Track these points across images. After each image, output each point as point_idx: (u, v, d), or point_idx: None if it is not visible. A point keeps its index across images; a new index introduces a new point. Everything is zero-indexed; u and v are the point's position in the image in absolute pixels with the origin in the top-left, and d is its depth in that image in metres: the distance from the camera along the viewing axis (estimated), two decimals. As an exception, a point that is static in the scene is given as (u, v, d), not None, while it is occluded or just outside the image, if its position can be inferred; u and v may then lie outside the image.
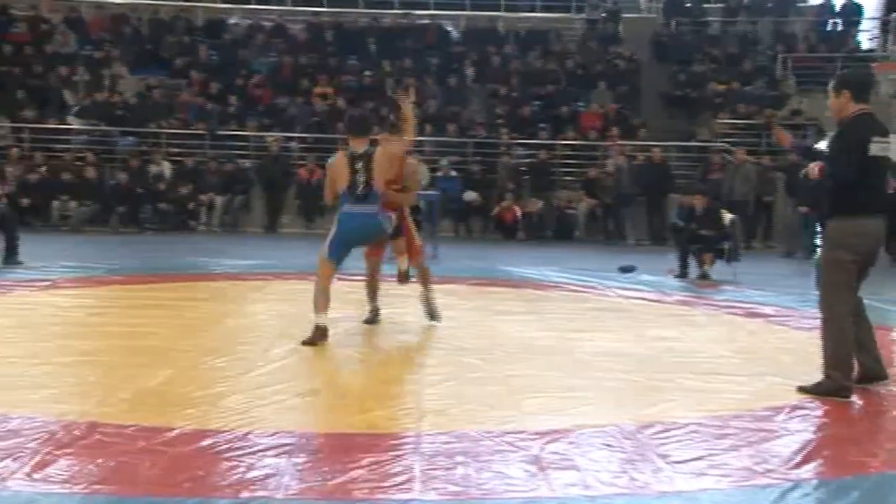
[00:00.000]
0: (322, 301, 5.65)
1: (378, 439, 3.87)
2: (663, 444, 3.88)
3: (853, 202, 4.62)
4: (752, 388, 4.94)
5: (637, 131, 15.81)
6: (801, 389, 4.77)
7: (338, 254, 5.76)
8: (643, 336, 6.37)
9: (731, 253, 9.71)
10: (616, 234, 14.46)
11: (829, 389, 4.66)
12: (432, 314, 6.37)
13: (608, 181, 14.53)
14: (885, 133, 4.74)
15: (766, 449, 3.87)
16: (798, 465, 3.65)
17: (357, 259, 6.29)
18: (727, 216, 10.01)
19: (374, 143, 6.00)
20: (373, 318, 6.34)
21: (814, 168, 4.77)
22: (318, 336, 5.57)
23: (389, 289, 6.35)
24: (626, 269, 10.08)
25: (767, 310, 7.66)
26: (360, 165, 5.67)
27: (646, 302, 7.99)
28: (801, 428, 4.20)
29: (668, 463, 3.63)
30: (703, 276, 9.64)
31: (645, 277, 9.59)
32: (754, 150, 15.01)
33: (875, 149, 4.61)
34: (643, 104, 17.29)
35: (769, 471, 3.58)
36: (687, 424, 4.17)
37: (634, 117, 16.41)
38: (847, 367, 4.69)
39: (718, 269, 9.72)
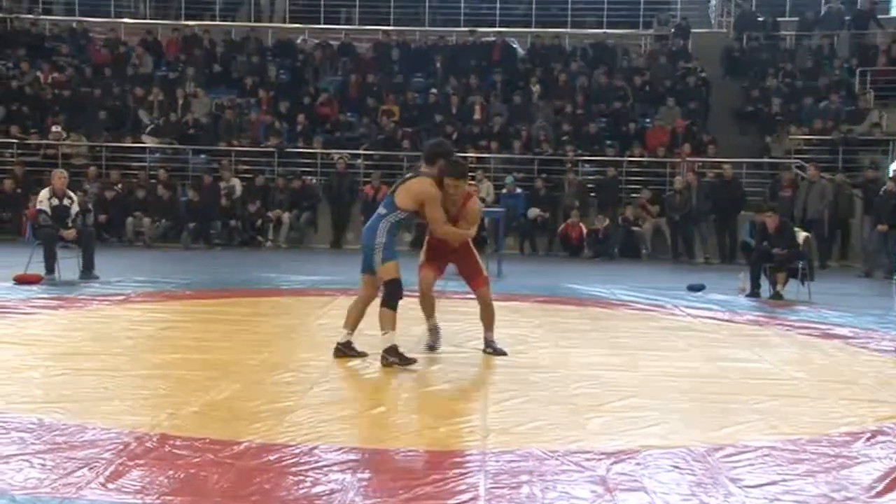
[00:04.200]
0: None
1: (443, 457, 3.85)
2: (735, 467, 3.78)
3: None
4: (828, 412, 4.78)
5: (706, 148, 15.58)
6: None
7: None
8: (713, 356, 6.23)
9: (805, 272, 9.45)
10: (684, 252, 14.24)
11: None
12: (497, 351, 6.01)
13: (676, 198, 14.33)
14: None
15: (845, 475, 3.73)
16: (881, 494, 3.50)
17: (416, 275, 6.25)
18: (801, 234, 9.77)
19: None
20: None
21: None
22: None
23: (453, 305, 6.34)
24: (694, 288, 9.90)
25: (844, 331, 7.43)
26: (408, 175, 5.75)
27: (716, 321, 7.83)
28: (883, 455, 4.03)
29: (740, 487, 3.53)
30: (776, 296, 9.40)
31: (715, 296, 9.40)
32: (831, 166, 14.63)
33: None
34: (713, 120, 17.03)
35: (849, 499, 3.45)
36: (759, 448, 4.06)
37: (704, 133, 16.17)
38: None
39: (792, 289, 9.47)
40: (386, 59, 18.31)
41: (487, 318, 6.05)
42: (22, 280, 8.90)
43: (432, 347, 6.04)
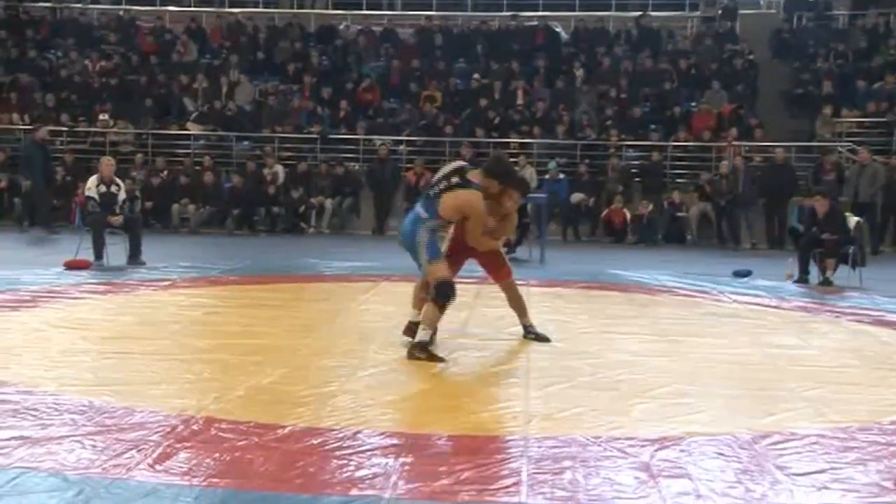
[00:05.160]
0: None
1: (485, 442, 3.85)
2: (781, 455, 3.72)
3: None
4: (880, 400, 4.68)
5: (754, 132, 15.32)
6: None
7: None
8: (760, 343, 6.14)
9: (856, 257, 9.26)
10: (730, 238, 14.04)
11: None
12: (539, 337, 5.96)
13: (722, 183, 14.12)
14: None
15: (896, 464, 3.66)
16: (932, 483, 3.43)
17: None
18: (853, 219, 9.56)
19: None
20: (526, 333, 5.99)
21: None
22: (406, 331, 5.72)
23: (496, 291, 6.30)
24: (740, 274, 9.77)
25: (896, 317, 7.27)
26: (455, 180, 5.39)
27: (763, 308, 7.71)
28: (935, 443, 3.94)
29: (786, 475, 3.47)
30: (826, 282, 9.23)
31: (761, 282, 9.26)
32: (885, 149, 14.28)
33: None
34: (761, 104, 16.73)
35: (899, 487, 3.39)
36: (807, 435, 3.99)
37: (751, 117, 15.90)
38: None
39: (842, 275, 9.29)
40: (428, 44, 18.27)
41: (518, 306, 6.01)
42: (72, 265, 9.08)
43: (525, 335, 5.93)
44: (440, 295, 5.36)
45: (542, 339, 5.96)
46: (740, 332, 6.51)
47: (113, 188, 9.82)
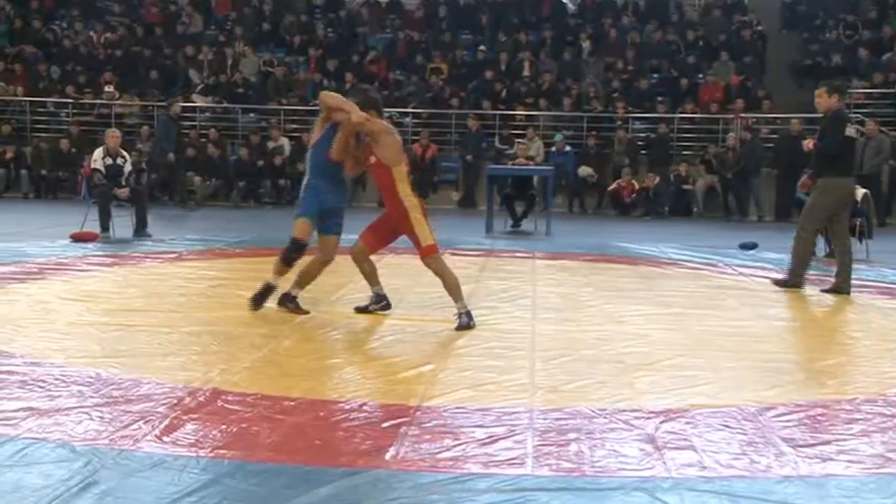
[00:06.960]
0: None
1: (491, 414, 3.86)
2: (786, 427, 3.72)
3: (835, 167, 6.75)
4: (885, 372, 4.68)
5: (762, 103, 15.20)
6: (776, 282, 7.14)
7: None
8: (765, 315, 6.13)
9: (863, 229, 9.22)
10: (737, 210, 13.99)
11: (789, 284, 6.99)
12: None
13: (728, 155, 14.05)
14: (851, 121, 7.12)
15: (901, 436, 3.66)
16: (937, 455, 3.43)
17: (464, 234, 6.26)
18: (860, 191, 9.49)
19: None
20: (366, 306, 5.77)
21: (808, 142, 7.06)
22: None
23: (500, 263, 6.30)
24: (747, 246, 9.75)
25: (903, 290, 7.26)
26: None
27: (769, 280, 7.69)
28: (940, 415, 3.94)
29: (791, 447, 3.48)
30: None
31: (767, 255, 9.24)
32: (893, 120, 14.17)
33: (848, 131, 6.85)
34: (770, 75, 16.59)
35: (904, 459, 3.39)
36: (812, 407, 3.99)
37: (760, 89, 15.77)
38: (804, 269, 7.06)
39: (848, 247, 9.24)
40: (434, 16, 18.13)
41: (448, 288, 5.55)
42: (78, 238, 9.10)
43: (360, 309, 5.77)
44: (287, 250, 5.68)
45: (463, 326, 5.41)
46: (746, 305, 6.51)
47: (119, 160, 9.81)
